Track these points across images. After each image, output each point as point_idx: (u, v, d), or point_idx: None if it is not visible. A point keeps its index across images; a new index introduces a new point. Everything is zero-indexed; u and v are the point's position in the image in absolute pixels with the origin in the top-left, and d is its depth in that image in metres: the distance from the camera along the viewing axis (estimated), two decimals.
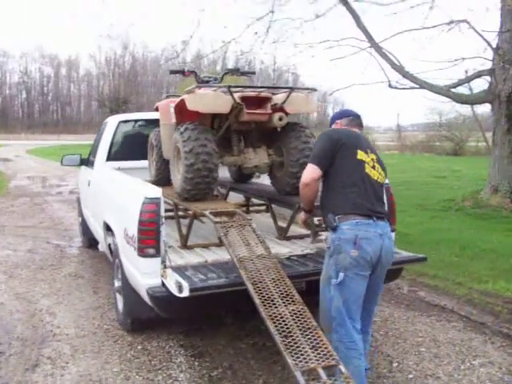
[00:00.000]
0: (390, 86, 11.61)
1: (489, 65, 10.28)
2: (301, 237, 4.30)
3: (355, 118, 3.39)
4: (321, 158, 3.05)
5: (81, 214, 7.47)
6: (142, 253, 3.51)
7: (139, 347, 4.20)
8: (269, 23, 11.67)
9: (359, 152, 3.07)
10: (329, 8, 10.75)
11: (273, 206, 4.54)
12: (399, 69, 10.64)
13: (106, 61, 70.71)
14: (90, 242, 7.16)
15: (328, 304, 2.97)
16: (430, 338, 4.35)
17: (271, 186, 4.62)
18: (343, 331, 2.91)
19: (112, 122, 6.22)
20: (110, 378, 3.70)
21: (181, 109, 4.11)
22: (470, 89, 11.45)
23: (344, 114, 3.46)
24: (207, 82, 4.60)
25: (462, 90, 11.24)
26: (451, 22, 9.46)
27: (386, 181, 4.09)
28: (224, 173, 5.31)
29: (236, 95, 3.92)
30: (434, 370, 3.78)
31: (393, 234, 4.10)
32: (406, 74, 10.61)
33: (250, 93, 4.00)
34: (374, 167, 3.12)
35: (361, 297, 2.99)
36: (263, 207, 5.39)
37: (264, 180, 5.26)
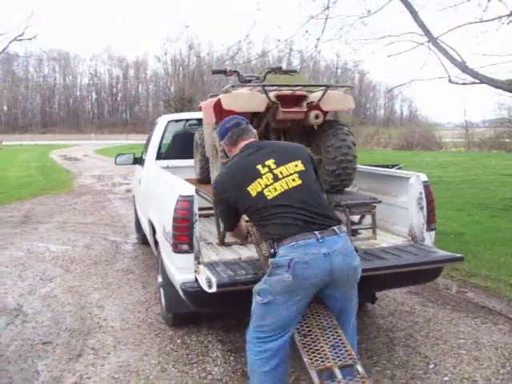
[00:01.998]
0: (450, 81, 11.27)
1: None
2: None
3: (236, 130, 3.03)
4: (225, 220, 3.11)
5: (135, 212, 7.72)
6: (176, 249, 3.59)
7: (179, 341, 4.31)
8: (325, 20, 11.57)
9: (251, 187, 2.75)
10: (385, 3, 10.52)
11: None
12: (458, 63, 10.31)
13: (171, 61, 72.27)
14: (144, 239, 7.37)
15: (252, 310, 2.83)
16: (473, 341, 4.22)
17: None
18: (251, 345, 2.78)
19: (161, 121, 6.39)
20: (147, 370, 3.82)
21: (219, 108, 4.17)
22: None
23: (224, 133, 3.09)
24: (249, 81, 4.65)
25: None
26: (511, 14, 9.07)
27: (422, 178, 4.03)
28: None
29: (271, 94, 3.95)
30: (472, 373, 3.68)
31: (432, 233, 4.05)
32: (465, 69, 10.26)
33: (285, 91, 4.01)
34: (276, 179, 2.74)
35: (286, 320, 2.66)
36: None
37: None
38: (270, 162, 2.80)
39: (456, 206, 10.65)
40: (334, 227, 2.67)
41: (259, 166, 2.79)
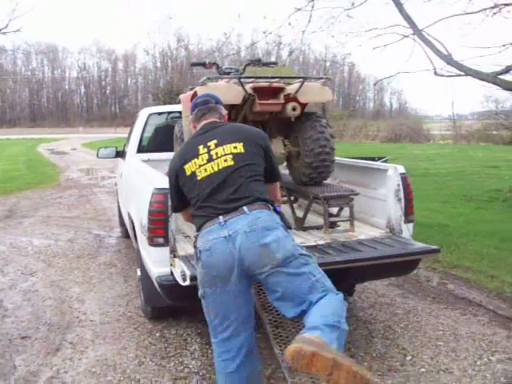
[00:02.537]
0: (435, 73, 11.28)
1: None
2: (318, 227, 4.26)
3: (202, 108, 2.94)
4: (171, 200, 2.99)
5: (118, 205, 7.68)
6: (151, 242, 3.57)
7: (157, 334, 4.30)
8: (310, 13, 11.52)
9: (187, 166, 2.72)
10: None
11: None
12: (443, 56, 10.32)
13: (160, 54, 71.81)
14: (127, 233, 7.32)
15: None
16: (451, 332, 4.24)
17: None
18: (214, 345, 2.67)
19: (143, 114, 6.35)
20: (124, 363, 3.81)
21: None
22: None
23: (192, 109, 3.01)
24: (228, 73, 4.62)
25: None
26: (495, 7, 9.08)
27: (400, 170, 4.03)
28: None
29: (248, 86, 3.93)
30: (449, 364, 3.69)
31: (410, 225, 4.04)
32: (450, 61, 10.28)
33: (262, 83, 3.99)
34: (211, 159, 2.67)
35: (226, 312, 2.54)
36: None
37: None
38: (212, 143, 2.72)
39: (441, 198, 10.69)
40: (244, 207, 2.51)
41: (201, 146, 2.73)
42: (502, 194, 10.38)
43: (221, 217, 2.52)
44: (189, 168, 2.72)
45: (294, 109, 4.00)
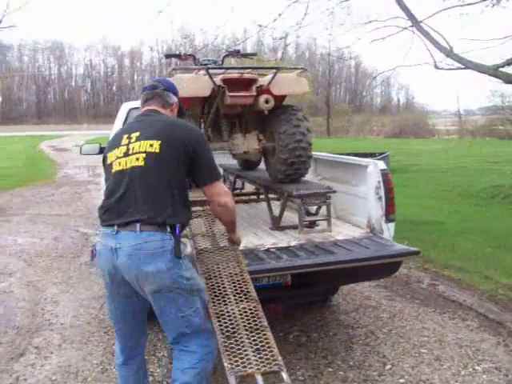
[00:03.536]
0: (435, 67, 11.04)
1: None
2: (295, 227, 4.04)
3: (148, 93, 2.73)
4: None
5: None
6: None
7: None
8: (307, 4, 11.27)
9: (109, 154, 2.56)
10: None
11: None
12: (442, 48, 10.05)
13: (166, 50, 71.37)
14: None
15: None
16: (436, 338, 4.01)
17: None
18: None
19: (123, 109, 6.12)
20: (87, 371, 3.62)
21: None
22: None
23: (141, 93, 2.81)
24: (205, 65, 4.40)
25: None
26: None
27: (381, 166, 3.81)
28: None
29: (218, 78, 3.70)
30: (430, 374, 3.46)
31: (390, 225, 3.82)
32: (449, 54, 10.01)
33: (232, 75, 3.77)
34: (127, 154, 2.46)
35: (112, 311, 2.64)
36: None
37: None
38: (134, 135, 2.51)
39: (439, 194, 10.47)
40: (138, 224, 2.33)
41: (125, 136, 2.54)
42: (502, 191, 10.11)
43: (115, 226, 2.37)
44: (110, 157, 2.56)
45: (266, 101, 3.76)
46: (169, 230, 2.37)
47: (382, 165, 3.83)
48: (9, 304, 4.95)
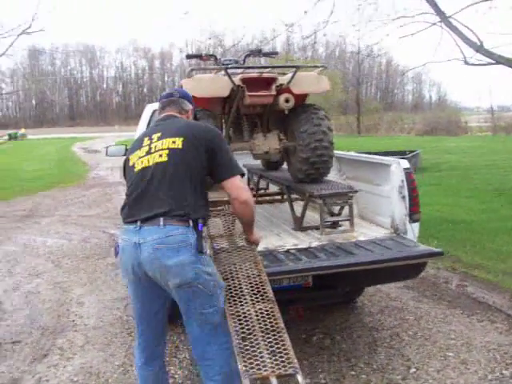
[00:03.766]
0: (465, 62, 10.84)
1: None
2: (318, 227, 3.97)
3: (165, 101, 2.83)
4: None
5: None
6: None
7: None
8: (333, 2, 11.20)
9: (131, 156, 2.62)
10: None
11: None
12: (472, 43, 9.86)
13: (195, 51, 71.95)
14: None
15: None
16: (463, 341, 3.89)
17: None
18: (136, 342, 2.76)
19: (147, 110, 6.15)
20: (109, 372, 3.62)
21: None
22: None
23: (158, 101, 2.94)
24: (226, 65, 4.37)
25: None
26: None
27: (404, 164, 3.72)
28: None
29: (237, 77, 3.67)
30: (456, 379, 3.35)
31: (415, 225, 3.72)
32: (479, 49, 9.81)
33: (252, 74, 3.73)
34: (149, 152, 2.52)
35: (136, 309, 2.62)
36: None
37: None
38: (156, 136, 2.58)
39: (468, 193, 10.24)
40: (161, 218, 2.36)
41: (146, 138, 2.61)
42: None
43: (139, 221, 2.40)
44: (132, 158, 2.60)
45: (287, 100, 3.71)
46: (191, 224, 2.39)
47: (405, 164, 3.74)
48: (35, 305, 5.01)
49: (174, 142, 2.50)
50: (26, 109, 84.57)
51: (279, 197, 5.13)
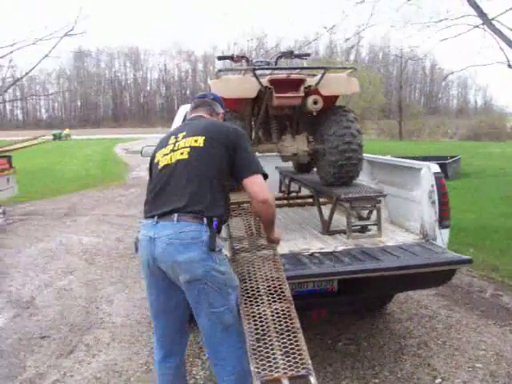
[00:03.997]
0: (509, 66, 10.53)
1: None
2: (346, 231, 3.90)
3: (196, 101, 2.92)
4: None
5: None
6: None
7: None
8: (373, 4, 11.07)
9: (157, 153, 2.66)
10: None
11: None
12: None
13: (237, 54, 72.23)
14: None
15: None
16: (494, 353, 3.76)
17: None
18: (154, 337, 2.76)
19: (181, 111, 6.20)
20: (131, 370, 3.65)
21: None
22: None
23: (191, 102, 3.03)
24: (257, 66, 4.36)
25: None
26: None
27: (434, 169, 3.62)
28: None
29: (265, 78, 3.65)
30: None
31: (444, 231, 3.62)
32: None
33: (280, 75, 3.69)
34: (173, 150, 2.57)
35: (153, 303, 2.63)
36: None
37: None
38: (181, 134, 2.64)
39: (510, 200, 9.91)
40: (176, 214, 2.38)
41: (173, 136, 2.67)
42: None
43: (156, 217, 2.43)
44: (157, 156, 2.65)
45: (315, 102, 3.66)
46: (206, 221, 2.39)
47: (435, 168, 3.63)
48: (66, 301, 5.10)
49: (196, 141, 2.54)
50: (71, 110, 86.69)
51: (310, 200, 5.08)
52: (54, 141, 43.31)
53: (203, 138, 2.53)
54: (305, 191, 5.24)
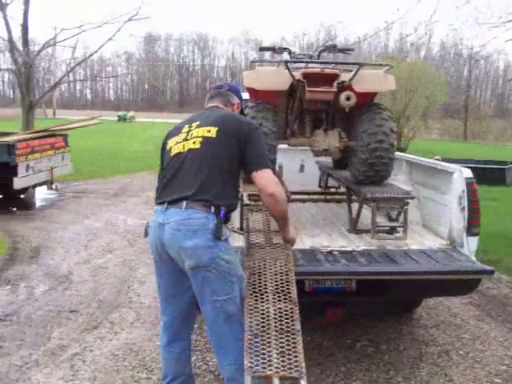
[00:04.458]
0: None
1: None
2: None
3: (212, 91, 2.95)
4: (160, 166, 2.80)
5: None
6: None
7: (195, 325, 4.16)
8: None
9: (170, 141, 2.68)
10: None
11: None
12: None
13: (306, 47, 71.81)
14: None
15: None
16: None
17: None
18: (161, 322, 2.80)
19: None
20: (148, 351, 3.75)
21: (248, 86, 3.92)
22: None
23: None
24: (300, 59, 4.33)
25: None
26: None
27: (466, 173, 3.50)
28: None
29: (299, 72, 3.61)
30: None
31: (473, 239, 3.50)
32: None
33: (313, 69, 3.65)
34: (185, 139, 2.59)
35: (161, 288, 2.67)
36: None
37: None
38: (195, 124, 2.65)
39: None
40: (185, 201, 2.42)
41: (187, 125, 2.69)
42: None
43: (166, 203, 2.48)
44: (170, 143, 2.69)
45: (348, 98, 3.60)
46: (213, 210, 2.43)
47: (467, 173, 3.50)
48: (100, 279, 5.27)
49: (209, 131, 2.56)
50: (138, 92, 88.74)
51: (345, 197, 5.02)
52: (119, 122, 44.51)
53: (216, 128, 2.56)
54: (344, 188, 5.18)
